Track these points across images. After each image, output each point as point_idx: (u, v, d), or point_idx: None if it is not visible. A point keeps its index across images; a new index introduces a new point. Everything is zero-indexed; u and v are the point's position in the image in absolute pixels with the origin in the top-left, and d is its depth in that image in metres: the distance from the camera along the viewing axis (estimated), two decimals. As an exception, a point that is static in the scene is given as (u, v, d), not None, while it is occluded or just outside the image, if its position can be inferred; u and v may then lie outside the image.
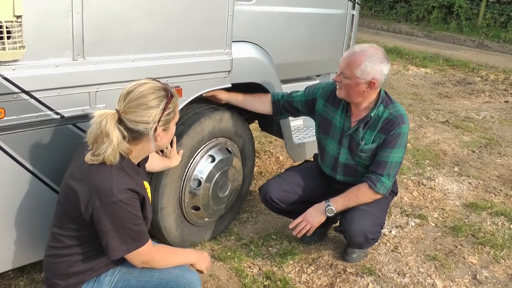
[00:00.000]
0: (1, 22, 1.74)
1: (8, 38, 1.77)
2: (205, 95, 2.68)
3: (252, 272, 2.79)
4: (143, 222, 1.84)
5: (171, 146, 2.52)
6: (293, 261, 2.91)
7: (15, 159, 2.02)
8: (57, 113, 2.05)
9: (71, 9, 1.97)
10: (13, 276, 2.57)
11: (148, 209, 1.93)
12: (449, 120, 6.05)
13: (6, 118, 1.90)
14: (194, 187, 2.77)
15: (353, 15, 3.59)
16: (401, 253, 3.09)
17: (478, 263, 3.06)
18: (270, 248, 3.04)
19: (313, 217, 2.71)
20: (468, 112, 6.58)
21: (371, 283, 2.77)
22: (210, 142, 2.81)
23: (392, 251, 3.11)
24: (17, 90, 1.89)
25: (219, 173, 2.84)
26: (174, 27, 2.37)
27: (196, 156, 2.75)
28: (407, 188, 4.02)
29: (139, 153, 1.90)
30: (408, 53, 10.30)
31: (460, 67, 9.45)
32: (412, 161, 4.63)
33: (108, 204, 1.72)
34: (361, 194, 2.71)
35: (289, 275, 2.77)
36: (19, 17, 1.79)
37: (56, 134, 2.11)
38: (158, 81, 1.90)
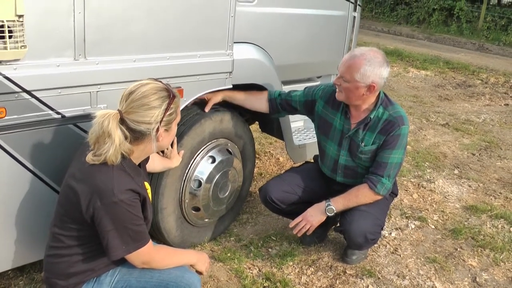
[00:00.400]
0: (2, 22, 1.74)
1: (10, 37, 1.77)
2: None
3: (251, 273, 2.79)
4: (143, 223, 1.84)
5: (172, 146, 2.52)
6: (292, 262, 2.91)
7: (15, 159, 2.02)
8: (58, 113, 2.05)
9: (72, 9, 1.97)
10: (13, 275, 2.57)
11: (149, 209, 1.93)
12: (449, 123, 6.06)
13: (7, 118, 1.90)
14: (195, 188, 2.77)
15: (354, 17, 3.60)
16: (401, 255, 3.09)
17: (478, 265, 3.06)
18: (270, 249, 3.04)
19: (313, 217, 2.71)
20: (468, 114, 6.59)
21: (370, 285, 2.77)
22: (210, 143, 2.81)
23: (392, 253, 3.11)
24: (18, 90, 1.89)
25: (220, 174, 2.84)
26: (176, 27, 2.37)
27: (196, 157, 2.75)
28: (407, 190, 4.02)
29: (140, 153, 1.90)
30: (408, 55, 10.31)
31: (460, 69, 9.46)
32: (412, 163, 4.63)
33: (109, 205, 1.71)
34: (362, 195, 2.72)
35: (288, 277, 2.77)
36: (20, 16, 1.79)
37: (57, 134, 2.11)
38: (160, 81, 1.89)
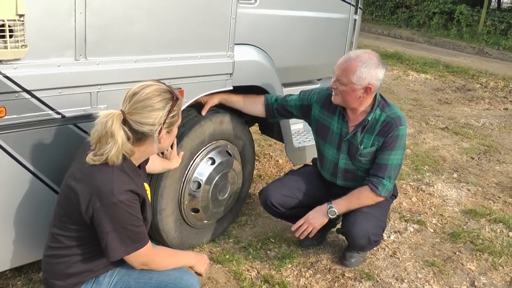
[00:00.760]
0: (3, 21, 1.74)
1: (10, 36, 1.77)
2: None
3: (250, 275, 2.78)
4: (143, 224, 1.84)
5: (172, 148, 2.52)
6: (291, 264, 2.90)
7: (15, 159, 2.02)
8: (58, 113, 2.04)
9: (74, 9, 1.96)
10: (11, 275, 2.56)
11: (148, 210, 1.93)
12: (448, 127, 6.06)
13: (7, 117, 1.90)
14: (194, 189, 2.76)
15: (355, 19, 3.60)
16: (400, 259, 3.09)
17: (476, 269, 3.06)
18: (268, 252, 3.03)
19: (315, 219, 2.71)
20: (467, 118, 6.59)
21: (369, 288, 2.77)
22: (210, 144, 2.81)
23: (391, 256, 3.11)
24: (18, 89, 1.89)
25: (219, 175, 2.84)
26: (177, 28, 2.37)
27: (196, 158, 2.74)
28: (406, 194, 4.02)
29: (141, 154, 1.89)
30: (408, 59, 10.33)
31: (460, 73, 9.48)
32: (411, 166, 4.63)
33: (108, 205, 1.71)
34: (363, 197, 2.72)
35: (287, 279, 2.77)
36: (21, 16, 1.79)
37: (57, 134, 2.10)
38: (163, 83, 1.89)
